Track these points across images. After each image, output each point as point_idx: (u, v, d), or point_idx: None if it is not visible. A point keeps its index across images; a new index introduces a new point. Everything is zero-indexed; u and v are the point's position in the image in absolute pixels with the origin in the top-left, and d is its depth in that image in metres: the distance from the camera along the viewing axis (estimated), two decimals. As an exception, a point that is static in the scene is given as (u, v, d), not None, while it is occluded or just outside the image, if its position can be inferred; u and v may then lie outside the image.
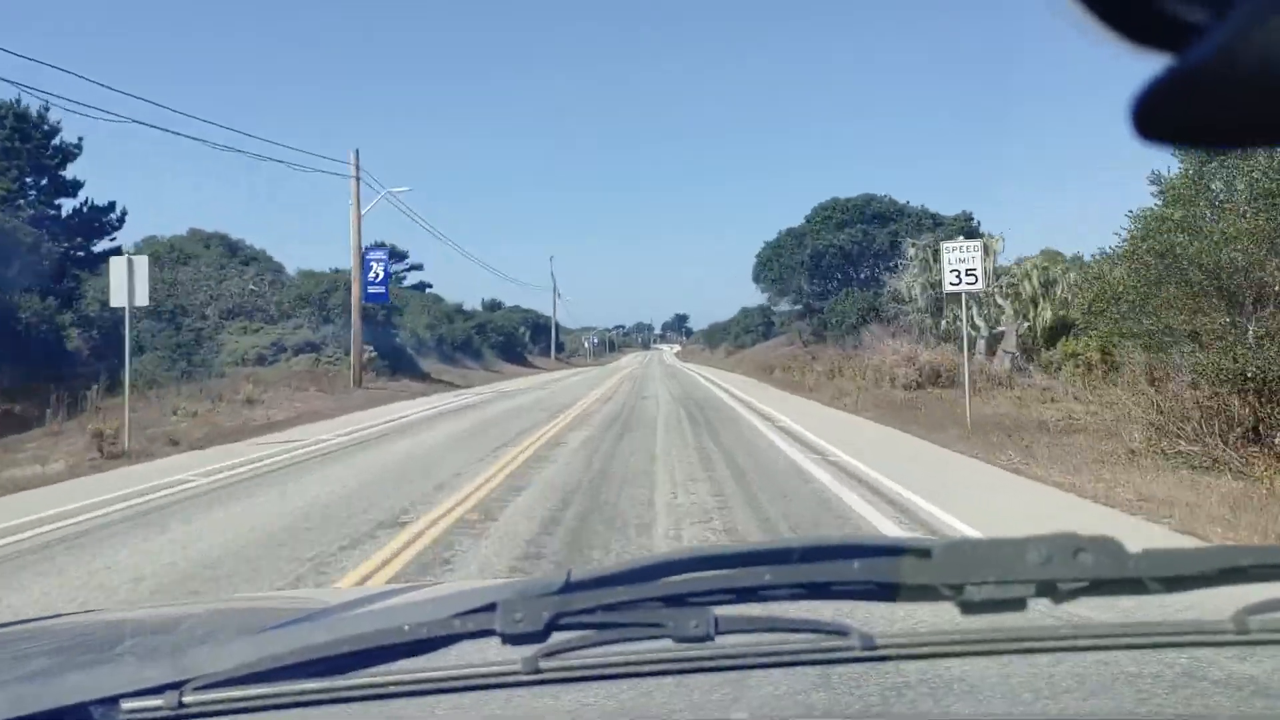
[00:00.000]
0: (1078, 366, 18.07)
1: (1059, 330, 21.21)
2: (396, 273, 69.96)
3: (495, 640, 0.86)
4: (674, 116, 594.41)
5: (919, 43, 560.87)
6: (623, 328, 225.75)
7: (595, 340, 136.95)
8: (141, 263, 12.98)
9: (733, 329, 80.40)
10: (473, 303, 77.75)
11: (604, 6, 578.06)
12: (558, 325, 79.68)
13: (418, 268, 71.66)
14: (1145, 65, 0.47)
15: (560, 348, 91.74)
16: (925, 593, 0.85)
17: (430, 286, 70.42)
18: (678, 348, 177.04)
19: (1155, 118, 0.48)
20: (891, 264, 33.44)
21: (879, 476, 9.35)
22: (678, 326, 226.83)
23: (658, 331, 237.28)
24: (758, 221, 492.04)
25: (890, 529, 6.91)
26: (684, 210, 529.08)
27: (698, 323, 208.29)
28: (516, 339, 66.78)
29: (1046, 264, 23.81)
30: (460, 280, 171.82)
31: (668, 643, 0.87)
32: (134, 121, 23.92)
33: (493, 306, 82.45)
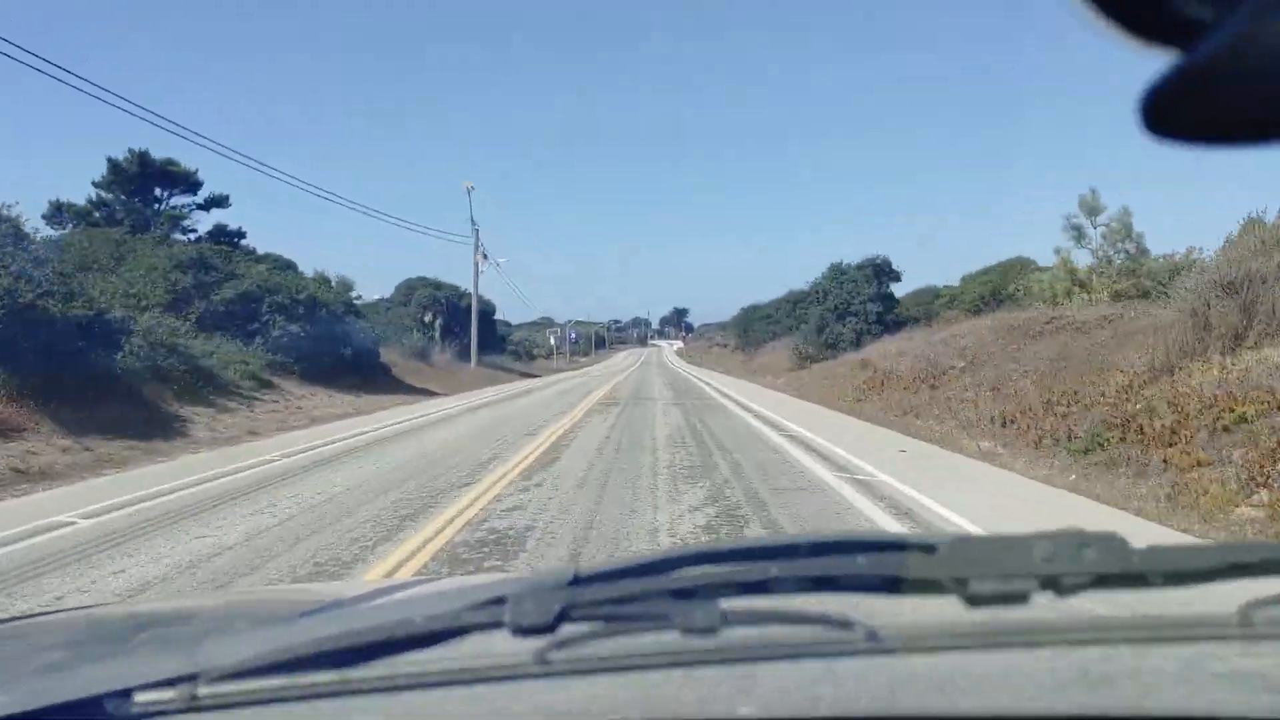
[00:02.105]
0: None
1: None
2: (177, 208, 36.93)
3: (505, 633, 0.87)
4: (679, 118, 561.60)
5: (921, 57, 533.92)
6: (618, 322, 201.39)
7: (574, 336, 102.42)
8: None
9: (808, 317, 40.42)
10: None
11: (610, 34, 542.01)
12: (482, 309, 46.03)
13: (218, 203, 38.06)
14: (1154, 63, 0.48)
15: (498, 345, 57.57)
16: (930, 587, 0.85)
17: (243, 237, 37.63)
18: (679, 344, 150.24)
19: (1164, 115, 0.48)
20: None
21: None
22: (676, 321, 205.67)
23: (655, 326, 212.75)
24: (759, 218, 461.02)
25: None
26: (686, 209, 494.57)
27: (698, 318, 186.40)
28: (348, 336, 29.14)
29: None
30: (391, 256, 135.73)
31: (675, 636, 0.87)
32: None
33: (410, 288, 49.02)
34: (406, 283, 48.80)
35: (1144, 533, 6.88)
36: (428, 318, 45.74)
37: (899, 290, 39.95)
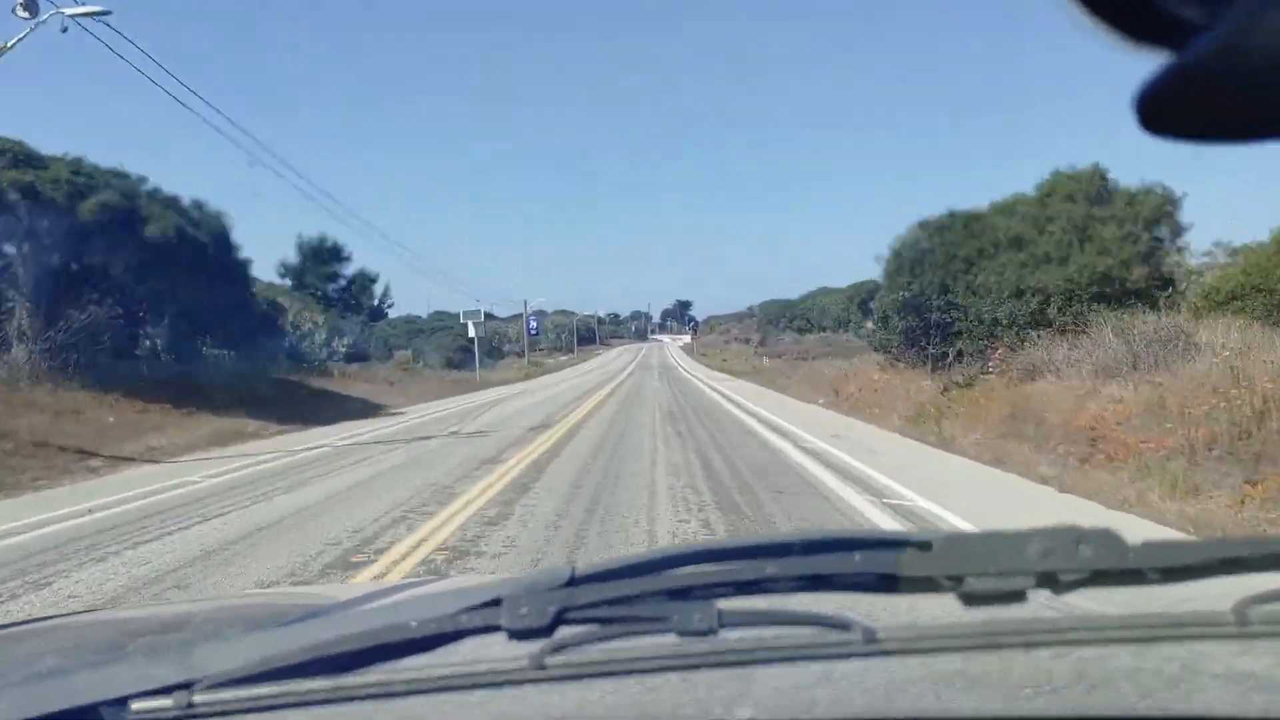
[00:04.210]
0: None
1: None
2: None
3: (501, 636, 0.87)
4: (681, 113, 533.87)
5: (919, 49, 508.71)
6: (616, 315, 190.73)
7: (534, 326, 72.33)
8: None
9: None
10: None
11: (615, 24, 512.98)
12: (190, 234, 18.21)
13: None
14: (1147, 62, 0.49)
15: (256, 329, 25.14)
16: (926, 584, 0.85)
17: None
18: (686, 339, 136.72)
19: (1159, 112, 0.49)
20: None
21: None
22: (679, 314, 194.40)
23: (656, 320, 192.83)
24: (760, 210, 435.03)
25: None
26: (684, 201, 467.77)
27: (702, 311, 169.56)
28: None
29: None
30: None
31: (673, 637, 0.87)
32: None
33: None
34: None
35: None
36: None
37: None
